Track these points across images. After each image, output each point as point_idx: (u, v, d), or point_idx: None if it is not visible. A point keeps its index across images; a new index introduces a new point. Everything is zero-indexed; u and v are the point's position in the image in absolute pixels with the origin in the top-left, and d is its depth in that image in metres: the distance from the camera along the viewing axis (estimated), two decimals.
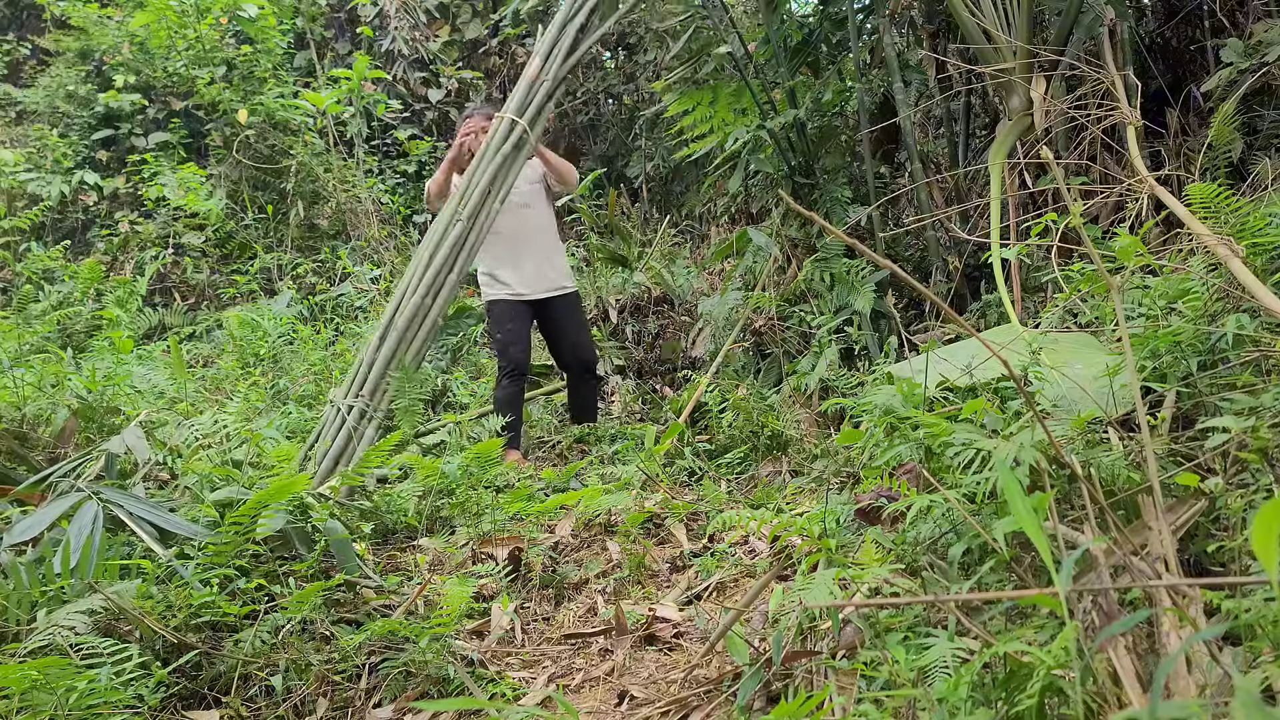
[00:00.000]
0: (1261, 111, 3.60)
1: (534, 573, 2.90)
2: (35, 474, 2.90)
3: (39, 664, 1.74)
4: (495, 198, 4.00)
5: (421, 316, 3.76)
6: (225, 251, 7.99)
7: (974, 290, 4.11)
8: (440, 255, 3.82)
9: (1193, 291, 2.20)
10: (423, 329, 3.76)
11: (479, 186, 3.96)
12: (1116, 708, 1.27)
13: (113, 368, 4.85)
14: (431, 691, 2.18)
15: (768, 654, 1.89)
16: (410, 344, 3.73)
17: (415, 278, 3.81)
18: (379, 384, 3.63)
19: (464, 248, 3.89)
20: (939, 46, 4.79)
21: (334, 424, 3.57)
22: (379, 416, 3.59)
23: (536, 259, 4.44)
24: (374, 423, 3.57)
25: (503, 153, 4.04)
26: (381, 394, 3.63)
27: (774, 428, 3.86)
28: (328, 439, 3.52)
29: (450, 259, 3.84)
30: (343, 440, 3.48)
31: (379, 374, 3.64)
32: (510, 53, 9.47)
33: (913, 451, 2.06)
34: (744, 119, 4.88)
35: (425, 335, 3.77)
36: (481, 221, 3.96)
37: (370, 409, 3.58)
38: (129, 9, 8.47)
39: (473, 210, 3.92)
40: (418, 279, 3.80)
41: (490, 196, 3.99)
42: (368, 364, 3.69)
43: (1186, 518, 1.66)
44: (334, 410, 3.62)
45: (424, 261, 3.84)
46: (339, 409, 3.59)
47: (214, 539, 2.35)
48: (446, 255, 3.83)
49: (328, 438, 3.53)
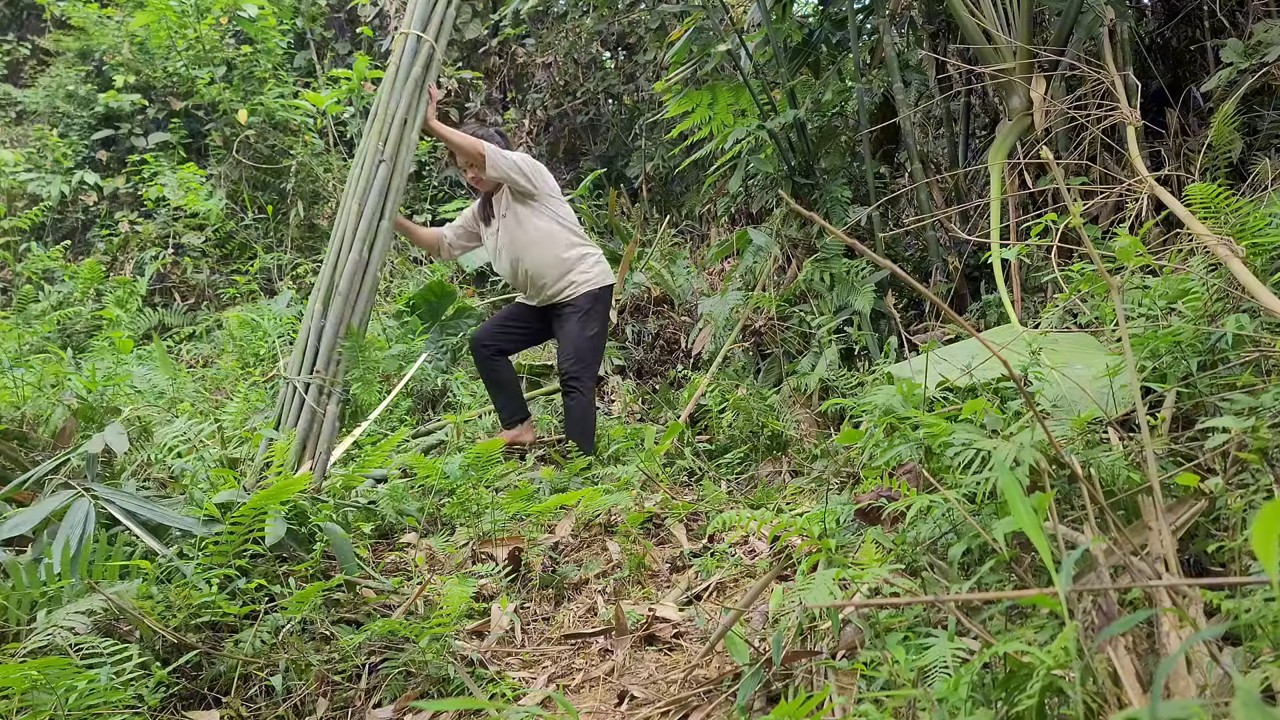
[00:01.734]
0: (1261, 111, 3.60)
1: (534, 573, 2.90)
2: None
3: (39, 664, 1.74)
4: (413, 127, 3.67)
5: (361, 273, 3.44)
6: (225, 251, 7.99)
7: (974, 290, 4.11)
8: (370, 202, 3.49)
9: (1193, 292, 2.20)
10: (364, 287, 3.45)
11: (396, 117, 3.61)
12: (1116, 708, 1.27)
13: (113, 368, 4.86)
14: (431, 691, 2.18)
15: (768, 654, 1.89)
16: (355, 306, 3.42)
17: (347, 231, 3.47)
18: (331, 355, 3.33)
19: (390, 190, 3.56)
20: (939, 46, 4.79)
21: (292, 404, 3.30)
22: (338, 391, 3.33)
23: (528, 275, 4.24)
24: (334, 399, 3.31)
25: (413, 76, 3.69)
26: (335, 365, 3.34)
27: (774, 428, 3.87)
28: (288, 422, 3.25)
29: (379, 205, 3.51)
30: (306, 421, 3.22)
31: (330, 344, 3.34)
32: (510, 53, 9.47)
33: (913, 451, 2.06)
34: (744, 120, 4.88)
35: (369, 294, 3.47)
36: (403, 157, 3.62)
37: (327, 384, 3.30)
38: (129, 9, 8.47)
39: (394, 147, 3.58)
40: (350, 232, 3.46)
41: (408, 126, 3.64)
42: (315, 334, 3.37)
43: (1186, 518, 1.66)
44: (290, 389, 3.33)
45: (353, 212, 3.50)
46: (295, 387, 3.30)
47: (214, 539, 2.35)
48: (376, 202, 3.50)
49: (288, 421, 3.26)
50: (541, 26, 9.45)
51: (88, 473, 2.73)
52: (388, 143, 3.58)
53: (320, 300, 3.40)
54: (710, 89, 4.85)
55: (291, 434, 3.15)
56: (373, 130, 3.62)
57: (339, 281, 3.41)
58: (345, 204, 3.55)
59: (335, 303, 3.38)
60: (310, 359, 3.33)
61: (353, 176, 3.61)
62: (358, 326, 3.40)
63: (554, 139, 9.20)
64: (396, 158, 3.59)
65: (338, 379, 3.33)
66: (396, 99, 3.65)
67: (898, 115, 4.38)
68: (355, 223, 3.47)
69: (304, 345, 3.37)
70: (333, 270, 3.44)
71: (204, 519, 2.44)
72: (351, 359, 3.36)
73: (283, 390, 3.37)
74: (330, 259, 3.46)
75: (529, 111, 9.15)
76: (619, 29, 8.82)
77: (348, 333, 3.37)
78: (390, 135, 3.59)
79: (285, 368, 3.48)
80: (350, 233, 3.45)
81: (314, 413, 3.23)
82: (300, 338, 3.42)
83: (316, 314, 3.39)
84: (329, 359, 3.32)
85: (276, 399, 3.43)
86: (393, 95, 3.66)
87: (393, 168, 3.57)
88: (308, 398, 3.24)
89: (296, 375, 3.31)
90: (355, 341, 3.37)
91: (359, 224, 3.47)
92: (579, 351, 4.22)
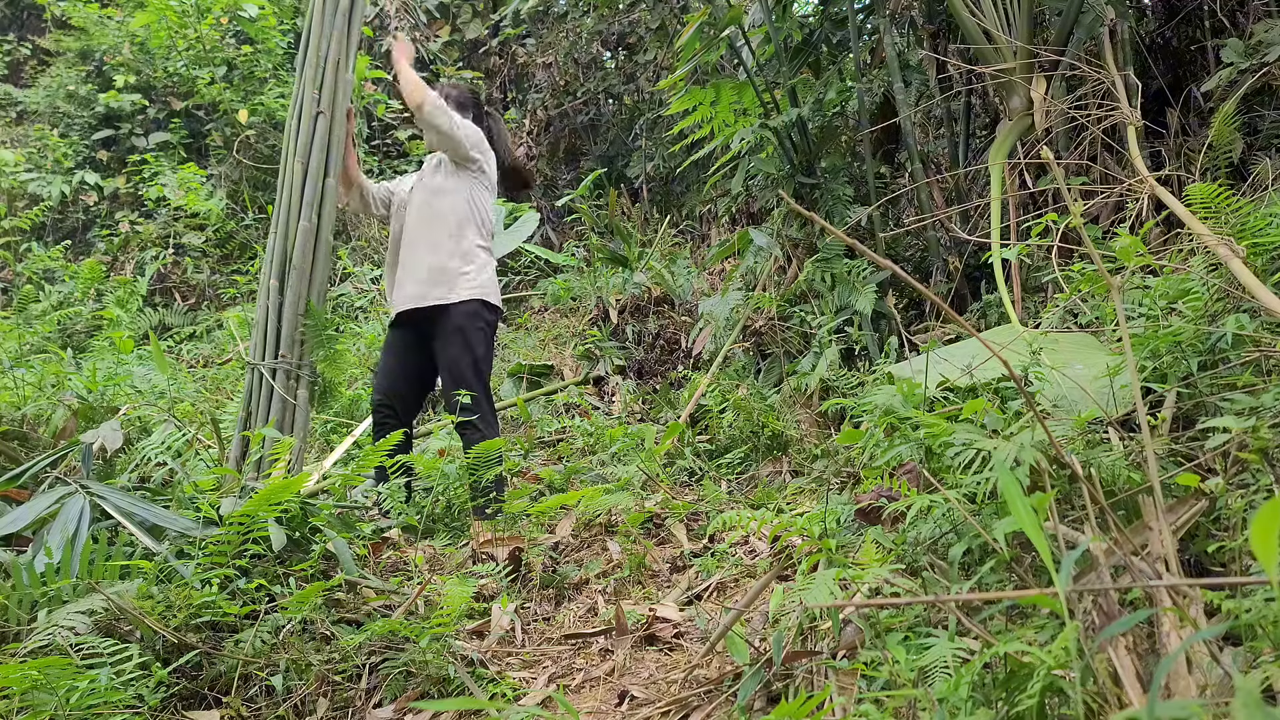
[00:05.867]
0: (1262, 111, 3.59)
1: (534, 573, 2.90)
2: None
3: (39, 664, 1.74)
4: (347, 68, 3.32)
5: (313, 241, 3.14)
6: (225, 251, 8.00)
7: (974, 290, 4.11)
8: (313, 161, 3.17)
9: (1193, 292, 2.20)
10: (319, 256, 3.16)
11: (329, 59, 3.26)
12: (1117, 708, 1.27)
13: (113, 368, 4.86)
14: (432, 691, 2.18)
15: (768, 654, 1.89)
16: (311, 279, 3.13)
17: (294, 195, 3.17)
18: (294, 335, 3.07)
19: (331, 143, 3.24)
20: (939, 46, 4.79)
21: (260, 392, 3.05)
22: (306, 374, 3.09)
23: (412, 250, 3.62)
24: (303, 383, 3.08)
25: (341, 9, 3.33)
26: (299, 346, 3.08)
27: (774, 428, 3.87)
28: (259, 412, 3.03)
29: (322, 161, 3.20)
30: (278, 410, 3.00)
31: (291, 323, 3.07)
32: (510, 53, 9.47)
33: (913, 451, 2.06)
34: (745, 120, 4.88)
35: (324, 264, 3.18)
36: (340, 103, 3.28)
37: (294, 368, 3.05)
38: (129, 9, 8.48)
39: (330, 94, 3.24)
40: (297, 197, 3.15)
41: (340, 69, 3.29)
42: (274, 313, 3.09)
43: (1187, 518, 1.66)
44: (255, 375, 3.07)
45: (297, 173, 3.17)
46: (262, 374, 3.05)
47: (213, 539, 2.35)
48: (319, 159, 3.19)
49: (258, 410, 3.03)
50: (542, 26, 9.45)
51: (84, 469, 2.73)
52: (322, 90, 3.24)
53: (275, 276, 3.10)
54: (713, 87, 4.85)
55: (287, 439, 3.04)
56: (305, 78, 3.27)
57: (292, 253, 3.12)
58: (287, 164, 3.22)
59: (291, 277, 3.09)
60: (273, 341, 3.07)
61: (289, 131, 3.28)
62: (316, 302, 3.13)
63: (554, 139, 9.20)
64: (334, 105, 3.25)
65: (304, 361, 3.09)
66: (325, 39, 3.29)
67: (898, 115, 4.38)
68: (300, 184, 3.16)
69: (264, 326, 3.11)
70: (284, 240, 3.14)
71: (202, 521, 2.44)
72: (315, 338, 3.10)
73: (248, 377, 3.11)
74: (279, 228, 3.15)
75: (529, 111, 9.16)
76: (619, 29, 8.82)
77: (308, 310, 3.10)
78: (325, 81, 3.25)
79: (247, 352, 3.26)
80: (296, 196, 3.15)
81: (285, 400, 3.02)
82: (259, 319, 3.14)
83: (273, 290, 3.10)
84: (292, 339, 3.06)
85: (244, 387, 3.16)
86: (321, 35, 3.29)
87: (331, 118, 3.24)
88: (276, 384, 3.01)
89: (260, 360, 3.07)
90: (318, 319, 3.11)
91: (304, 186, 3.16)
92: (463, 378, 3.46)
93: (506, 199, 7.08)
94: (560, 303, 7.03)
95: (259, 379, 3.06)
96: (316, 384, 3.15)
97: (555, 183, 9.07)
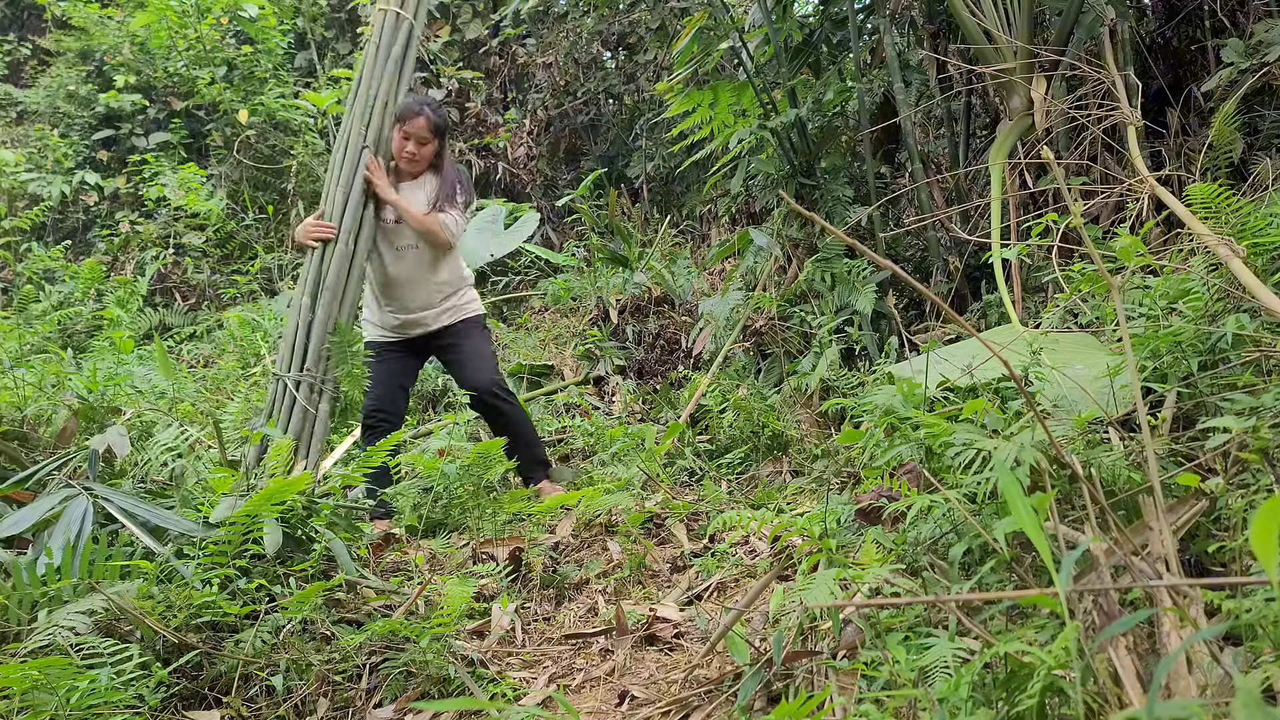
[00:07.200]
0: (1262, 111, 3.59)
1: (534, 573, 2.90)
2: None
3: (39, 664, 1.74)
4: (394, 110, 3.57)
5: (348, 265, 3.37)
6: (226, 251, 8.01)
7: (974, 290, 4.11)
8: (355, 191, 3.42)
9: (1193, 291, 2.20)
10: (352, 279, 3.38)
11: (377, 100, 3.50)
12: (1117, 708, 1.27)
13: (113, 368, 4.86)
14: (432, 691, 2.18)
15: (768, 654, 1.89)
16: (343, 300, 3.34)
17: (332, 222, 3.41)
18: (321, 351, 3.25)
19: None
20: (939, 46, 4.78)
21: (283, 402, 3.22)
22: (329, 389, 3.25)
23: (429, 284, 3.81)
24: (326, 397, 3.23)
25: (393, 56, 3.54)
26: (324, 362, 3.26)
27: (774, 428, 3.87)
28: (280, 421, 3.19)
29: (364, 193, 3.45)
30: (298, 421, 3.16)
31: (319, 340, 3.26)
32: (511, 53, 9.47)
33: (913, 451, 2.06)
34: (745, 120, 4.88)
35: (355, 286, 3.41)
36: (385, 141, 3.55)
37: (318, 382, 3.22)
38: (129, 9, 8.49)
39: (376, 132, 3.50)
40: (335, 223, 3.40)
41: (388, 110, 3.54)
42: (304, 329, 3.29)
43: (1187, 518, 1.66)
44: (280, 386, 3.25)
45: (338, 202, 3.42)
46: (286, 385, 3.22)
47: (214, 539, 2.35)
48: (362, 189, 3.44)
49: (280, 420, 3.20)
50: (542, 26, 9.45)
51: (89, 472, 2.73)
52: (370, 128, 3.48)
53: (308, 294, 3.32)
54: (712, 89, 4.85)
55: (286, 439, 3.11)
56: (354, 114, 3.52)
57: (326, 274, 3.33)
58: (329, 193, 3.47)
59: (324, 297, 3.29)
60: (300, 355, 3.26)
61: (334, 163, 3.52)
62: (345, 322, 3.33)
63: (554, 139, 9.20)
64: (379, 143, 3.52)
65: (328, 377, 3.26)
66: (376, 81, 3.53)
67: (898, 115, 4.37)
68: (340, 213, 3.41)
69: (292, 341, 3.30)
70: (320, 262, 3.37)
71: (203, 522, 2.44)
72: (340, 355, 3.27)
73: (272, 388, 3.30)
74: (316, 251, 3.39)
75: (529, 111, 9.16)
76: (619, 29, 8.81)
77: (335, 328, 3.29)
78: (372, 120, 3.49)
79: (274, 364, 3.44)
80: (335, 223, 3.40)
81: (305, 411, 3.18)
82: (288, 333, 3.34)
83: (304, 308, 3.31)
84: (319, 355, 3.25)
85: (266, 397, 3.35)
86: (373, 77, 3.53)
87: (375, 153, 3.50)
88: (299, 396, 3.18)
89: (286, 372, 3.24)
90: (343, 337, 3.28)
91: (344, 214, 3.40)
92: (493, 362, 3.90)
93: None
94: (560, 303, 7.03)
95: (283, 390, 3.23)
96: (338, 399, 3.31)
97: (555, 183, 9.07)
